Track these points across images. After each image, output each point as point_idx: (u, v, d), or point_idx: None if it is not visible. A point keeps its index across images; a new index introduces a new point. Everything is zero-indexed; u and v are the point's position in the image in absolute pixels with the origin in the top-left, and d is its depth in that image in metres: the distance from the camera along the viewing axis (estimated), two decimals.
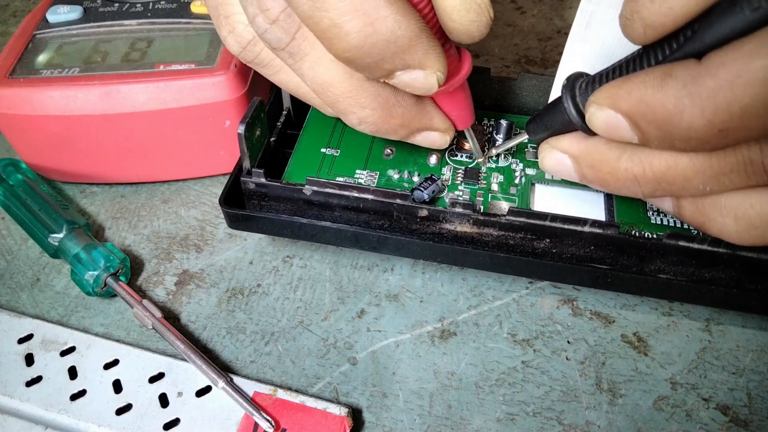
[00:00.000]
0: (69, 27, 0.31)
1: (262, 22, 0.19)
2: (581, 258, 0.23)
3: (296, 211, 0.25)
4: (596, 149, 0.20)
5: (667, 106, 0.16)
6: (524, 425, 0.23)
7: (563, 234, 0.23)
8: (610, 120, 0.18)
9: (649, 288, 0.23)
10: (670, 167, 0.18)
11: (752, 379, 0.24)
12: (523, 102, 0.30)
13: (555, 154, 0.21)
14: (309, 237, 0.25)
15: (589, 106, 0.18)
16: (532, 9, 0.44)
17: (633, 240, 0.22)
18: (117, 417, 0.22)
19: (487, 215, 0.23)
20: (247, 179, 0.24)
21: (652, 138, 0.17)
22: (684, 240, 0.22)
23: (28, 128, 0.28)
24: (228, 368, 0.24)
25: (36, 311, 0.26)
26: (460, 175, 0.26)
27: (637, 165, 0.19)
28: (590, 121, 0.19)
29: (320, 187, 0.24)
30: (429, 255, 0.24)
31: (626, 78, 0.17)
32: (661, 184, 0.19)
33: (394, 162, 0.27)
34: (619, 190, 0.20)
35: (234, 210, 0.25)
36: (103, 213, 0.31)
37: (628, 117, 0.17)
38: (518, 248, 0.24)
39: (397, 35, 0.17)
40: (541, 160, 0.22)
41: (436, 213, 0.23)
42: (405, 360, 0.25)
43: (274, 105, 0.28)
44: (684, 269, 0.23)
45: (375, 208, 0.24)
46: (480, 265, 0.24)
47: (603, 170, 0.20)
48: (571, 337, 0.25)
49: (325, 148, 0.27)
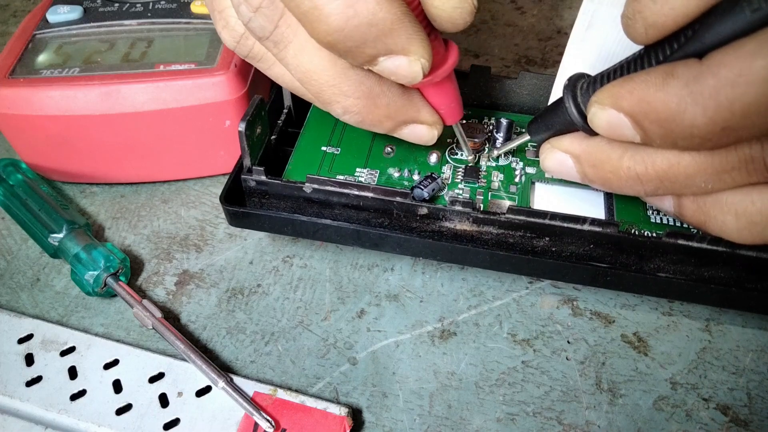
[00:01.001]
0: (69, 27, 0.31)
1: (245, 10, 0.20)
2: (581, 256, 0.23)
3: (296, 208, 0.25)
4: (598, 149, 0.20)
5: (669, 105, 0.16)
6: (524, 425, 0.23)
7: (563, 232, 0.23)
8: (612, 119, 0.18)
9: (649, 287, 0.23)
10: (673, 165, 0.18)
11: (752, 379, 0.24)
12: (523, 101, 0.30)
13: (556, 154, 0.21)
14: (309, 235, 0.25)
15: (591, 105, 0.18)
16: (532, 9, 0.44)
17: (632, 238, 0.22)
18: (117, 417, 0.22)
19: (486, 213, 0.23)
20: (247, 177, 0.24)
21: (655, 137, 0.17)
22: (683, 238, 0.22)
23: (28, 128, 0.28)
24: (228, 368, 0.24)
25: (36, 311, 0.26)
26: (460, 173, 0.26)
27: (639, 164, 0.19)
28: (592, 120, 0.19)
29: (320, 185, 0.24)
30: (429, 253, 0.24)
31: (628, 77, 0.17)
32: (663, 182, 0.19)
33: (395, 160, 0.27)
34: (621, 189, 0.20)
35: (234, 207, 0.25)
36: (103, 213, 0.31)
37: (631, 116, 0.17)
38: (518, 246, 0.24)
39: (379, 18, 0.17)
40: (542, 161, 0.22)
41: (435, 211, 0.23)
42: (405, 360, 0.25)
43: (275, 103, 0.28)
44: (683, 268, 0.23)
45: (375, 206, 0.24)
46: (480, 263, 0.24)
47: (605, 170, 0.20)
48: (571, 337, 0.25)
49: (325, 146, 0.27)
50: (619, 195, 0.25)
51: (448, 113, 0.23)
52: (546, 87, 0.29)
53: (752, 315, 0.26)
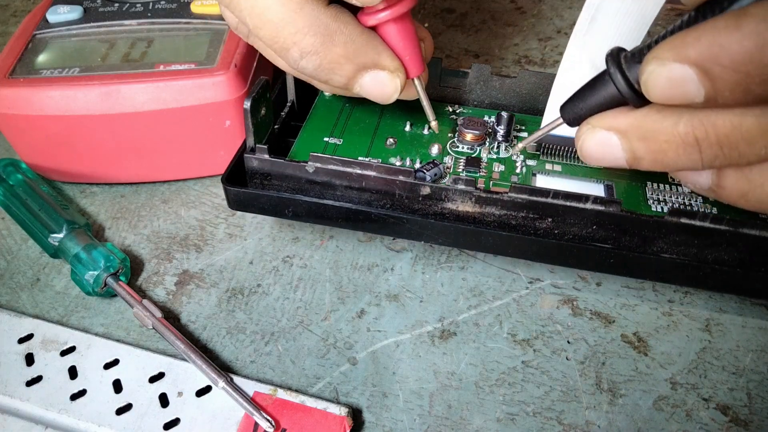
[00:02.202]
0: (69, 27, 0.31)
1: None
2: (584, 238, 0.23)
3: (299, 190, 0.25)
4: (648, 118, 0.18)
5: (745, 45, 0.15)
6: (524, 425, 0.23)
7: (565, 211, 0.23)
8: (675, 75, 0.16)
9: (652, 270, 0.23)
10: (735, 127, 0.17)
11: (752, 379, 0.24)
12: (523, 100, 0.30)
13: (598, 133, 0.19)
14: (311, 217, 0.25)
15: (648, 64, 0.17)
16: (532, 9, 0.44)
17: (635, 218, 0.22)
18: (117, 417, 0.22)
19: (489, 192, 0.23)
20: (250, 156, 0.24)
21: (726, 86, 0.16)
22: (686, 217, 0.22)
23: (28, 128, 0.28)
24: (228, 368, 0.24)
25: (36, 311, 0.26)
26: (462, 164, 0.26)
27: (698, 127, 0.17)
28: (648, 81, 0.17)
29: (323, 163, 0.24)
30: (430, 236, 0.24)
31: (691, 29, 0.16)
32: (723, 148, 0.17)
33: (397, 151, 0.27)
34: (677, 162, 0.18)
35: (236, 188, 0.25)
36: (103, 213, 0.31)
37: (699, 65, 0.16)
38: (520, 228, 0.24)
39: None
40: (581, 145, 0.20)
41: (438, 191, 0.23)
42: (405, 360, 0.25)
43: (279, 97, 0.28)
44: (687, 250, 0.23)
45: (377, 186, 0.24)
46: (482, 246, 0.24)
47: (659, 139, 0.18)
48: (571, 337, 0.25)
49: (328, 137, 0.27)
50: (620, 185, 0.25)
51: (410, 62, 0.23)
52: (546, 86, 0.29)
53: (752, 315, 0.26)
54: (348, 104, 0.29)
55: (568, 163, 0.27)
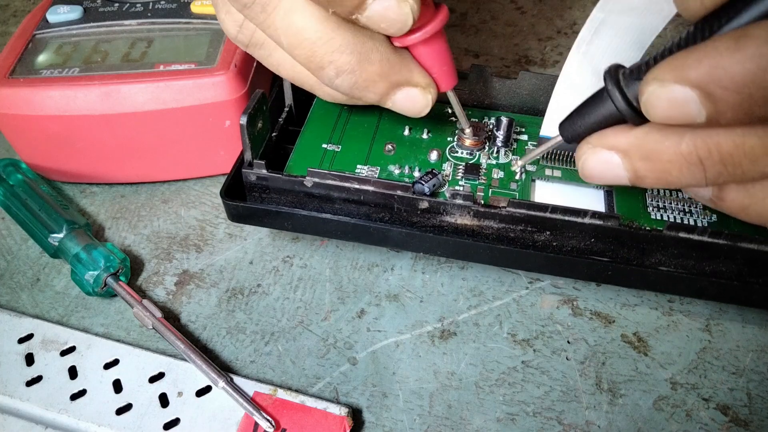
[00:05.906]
0: (69, 27, 0.31)
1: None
2: (582, 251, 0.23)
3: (297, 203, 0.25)
4: (649, 137, 0.18)
5: (747, 67, 0.15)
6: (524, 425, 0.23)
7: (563, 226, 0.23)
8: (676, 96, 0.16)
9: (650, 281, 0.23)
10: (738, 146, 0.17)
11: (752, 379, 0.24)
12: (524, 101, 0.30)
13: (600, 153, 0.19)
14: (310, 230, 0.25)
15: (647, 85, 0.17)
16: (532, 9, 0.44)
17: (633, 231, 0.22)
18: (117, 417, 0.22)
19: (487, 207, 0.23)
20: (248, 171, 0.24)
21: (728, 107, 0.16)
22: (684, 231, 0.22)
23: (28, 128, 0.28)
24: (228, 368, 0.24)
25: (36, 311, 0.26)
26: (461, 170, 0.26)
27: (701, 147, 0.17)
28: (648, 102, 0.17)
29: (321, 178, 0.24)
30: (429, 248, 0.24)
31: (690, 49, 0.16)
32: (726, 167, 0.17)
33: (395, 158, 0.27)
34: (681, 180, 0.18)
35: (235, 202, 0.25)
36: (103, 213, 0.31)
37: (700, 87, 0.16)
38: (518, 241, 0.24)
39: None
40: (582, 165, 0.20)
41: (436, 205, 0.23)
42: (405, 360, 0.25)
43: (276, 102, 0.28)
44: (685, 262, 0.23)
45: (376, 200, 0.24)
46: (480, 258, 0.24)
47: (662, 159, 0.18)
48: (571, 337, 0.25)
49: (326, 143, 0.27)
50: (619, 192, 0.25)
51: (441, 77, 0.23)
52: (546, 87, 0.29)
53: (752, 315, 0.26)
54: (346, 108, 0.29)
55: (567, 168, 0.27)
